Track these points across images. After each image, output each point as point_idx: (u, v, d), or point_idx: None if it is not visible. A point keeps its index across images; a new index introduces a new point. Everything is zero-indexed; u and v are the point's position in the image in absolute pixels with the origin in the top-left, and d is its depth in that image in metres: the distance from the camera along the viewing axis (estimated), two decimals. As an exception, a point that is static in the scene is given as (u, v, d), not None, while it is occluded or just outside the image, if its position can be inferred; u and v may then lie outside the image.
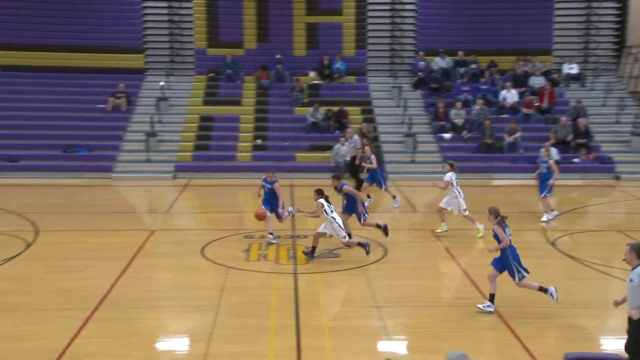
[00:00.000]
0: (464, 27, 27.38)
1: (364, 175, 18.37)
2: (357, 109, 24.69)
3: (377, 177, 17.24)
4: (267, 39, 27.11)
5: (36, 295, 10.61)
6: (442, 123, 23.73)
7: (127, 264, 12.22)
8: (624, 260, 7.42)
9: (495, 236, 9.87)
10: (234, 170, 21.72)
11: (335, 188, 13.43)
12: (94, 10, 26.37)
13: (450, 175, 14.25)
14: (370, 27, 27.56)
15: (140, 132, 22.81)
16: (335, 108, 24.00)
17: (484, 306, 9.86)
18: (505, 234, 9.68)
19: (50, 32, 25.92)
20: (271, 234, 13.48)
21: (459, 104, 23.98)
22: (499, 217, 9.83)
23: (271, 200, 13.56)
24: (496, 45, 27.07)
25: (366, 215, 13.51)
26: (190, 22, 26.79)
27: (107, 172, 21.33)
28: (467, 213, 14.35)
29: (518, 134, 22.67)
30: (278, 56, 26.27)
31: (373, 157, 17.28)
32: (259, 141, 23.17)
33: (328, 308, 10.26)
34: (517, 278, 9.75)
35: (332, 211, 12.33)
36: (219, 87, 25.67)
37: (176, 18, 26.65)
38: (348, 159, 20.84)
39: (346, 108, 24.07)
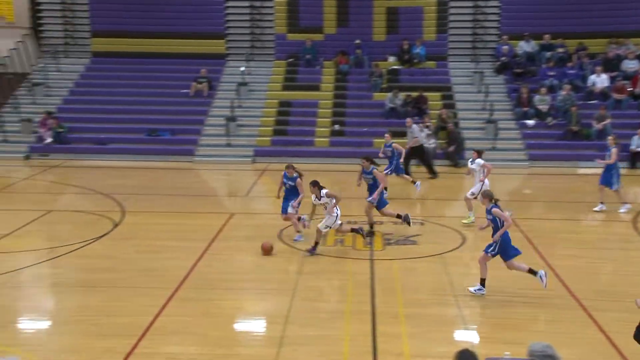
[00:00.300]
0: (551, 8, 26.40)
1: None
2: (436, 94, 24.32)
3: (398, 166, 16.74)
4: (347, 24, 27.04)
5: (123, 273, 11.10)
6: (526, 109, 23.05)
7: (208, 245, 12.58)
8: None
9: (494, 219, 9.82)
10: (312, 156, 21.88)
11: (363, 169, 13.30)
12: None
13: (482, 161, 13.96)
14: (452, 10, 27.00)
15: (221, 117, 23.31)
16: (415, 94, 23.74)
17: (543, 281, 9.86)
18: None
19: (137, 20, 26.78)
20: (302, 225, 13.01)
21: (543, 90, 23.20)
22: (494, 200, 9.88)
23: (291, 197, 12.90)
24: (586, 28, 25.94)
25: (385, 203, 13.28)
26: (271, 7, 27.04)
27: (189, 155, 21.95)
28: (470, 197, 14.03)
29: (608, 121, 21.73)
30: (357, 41, 26.17)
31: (395, 144, 16.76)
32: (337, 126, 23.23)
33: (404, 295, 10.22)
34: (488, 252, 9.88)
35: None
36: (298, 72, 25.86)
37: (257, 4, 26.96)
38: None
39: (426, 94, 23.75)
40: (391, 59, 26.13)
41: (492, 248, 9.93)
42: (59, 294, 10.49)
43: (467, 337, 9.00)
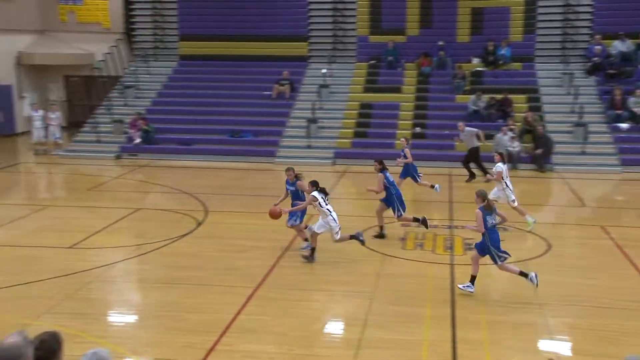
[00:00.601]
0: (650, 6, 25.18)
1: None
2: (522, 97, 23.67)
3: (411, 172, 16.26)
4: (430, 25, 26.71)
5: (205, 271, 11.39)
6: (619, 112, 22.07)
7: (288, 245, 12.73)
8: None
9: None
10: (392, 158, 21.69)
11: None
12: (264, 0, 27.45)
13: (500, 166, 13.66)
14: (540, 10, 26.19)
15: (302, 119, 23.55)
16: (499, 96, 23.20)
17: (464, 286, 10.08)
18: (485, 220, 9.86)
19: (223, 23, 27.41)
20: (306, 239, 12.28)
21: (639, 91, 22.16)
22: (486, 202, 10.03)
23: (296, 204, 12.19)
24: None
25: (401, 211, 12.87)
26: (354, 9, 27.08)
27: (270, 156, 22.28)
28: (515, 204, 13.73)
29: None
30: (440, 43, 25.81)
31: (407, 150, 16.25)
32: (418, 129, 22.99)
33: (486, 301, 10.01)
34: (498, 261, 10.00)
35: (326, 203, 11.56)
36: (380, 75, 25.76)
37: (340, 6, 27.09)
38: (508, 149, 20.30)
39: (510, 96, 23.17)
40: (475, 60, 25.62)
41: (497, 259, 9.96)
42: (145, 290, 10.89)
43: (553, 347, 8.70)
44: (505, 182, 13.73)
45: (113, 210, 15.58)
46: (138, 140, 22.89)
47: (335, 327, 9.50)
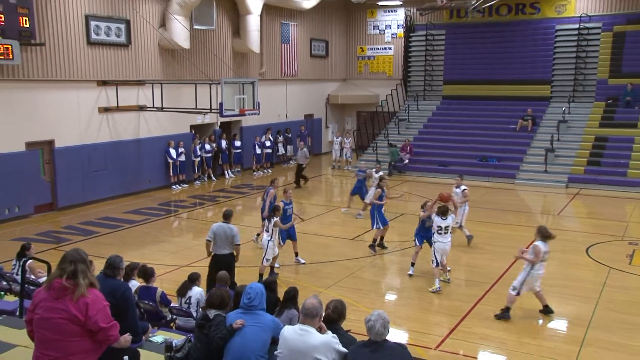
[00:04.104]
0: None
1: None
2: None
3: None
4: (672, 68, 22.85)
5: (454, 267, 11.32)
6: None
7: (524, 250, 12.05)
8: None
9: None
10: (623, 185, 19.19)
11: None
12: (517, 51, 26.18)
13: None
14: None
15: (541, 148, 21.98)
16: None
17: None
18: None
19: (479, 70, 26.68)
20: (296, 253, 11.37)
21: None
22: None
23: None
24: None
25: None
26: (596, 57, 24.41)
27: (511, 178, 21.21)
28: None
29: None
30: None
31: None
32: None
33: None
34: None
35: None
36: (616, 112, 22.79)
37: (582, 54, 24.68)
38: None
39: None
40: None
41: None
42: (403, 277, 11.13)
43: None
44: None
45: (388, 214, 16.18)
46: (407, 161, 23.55)
47: (559, 325, 8.80)
